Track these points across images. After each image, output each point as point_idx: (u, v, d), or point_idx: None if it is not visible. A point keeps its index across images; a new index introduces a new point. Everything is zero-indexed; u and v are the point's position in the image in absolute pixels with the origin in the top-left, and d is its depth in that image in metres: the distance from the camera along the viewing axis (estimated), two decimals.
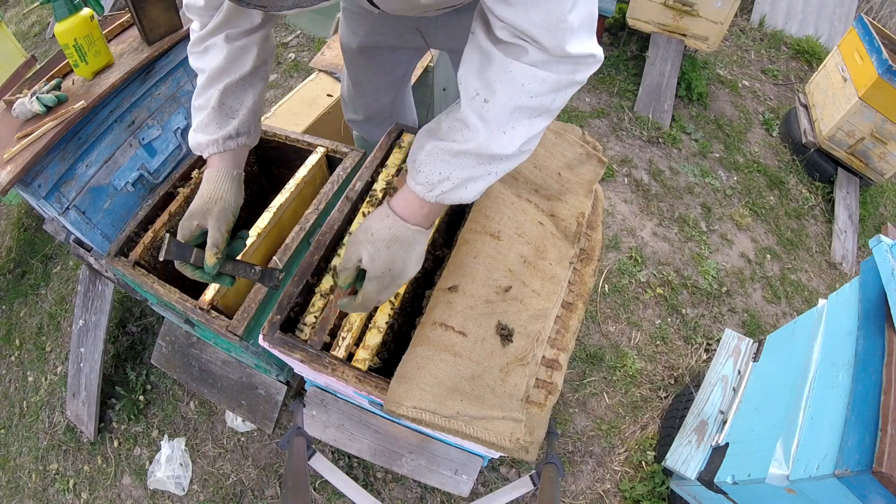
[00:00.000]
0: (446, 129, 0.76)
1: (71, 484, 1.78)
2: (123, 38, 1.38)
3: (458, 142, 0.73)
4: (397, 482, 1.67)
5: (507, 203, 1.08)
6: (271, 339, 0.99)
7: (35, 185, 1.16)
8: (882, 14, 3.75)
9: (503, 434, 0.82)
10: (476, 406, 0.85)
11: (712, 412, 1.54)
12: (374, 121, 1.59)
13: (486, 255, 1.01)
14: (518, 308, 0.97)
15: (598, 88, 2.95)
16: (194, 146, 0.91)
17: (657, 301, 2.13)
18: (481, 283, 0.98)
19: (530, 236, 1.06)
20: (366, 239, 0.79)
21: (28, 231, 2.46)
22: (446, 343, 0.91)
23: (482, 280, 0.98)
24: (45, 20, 3.69)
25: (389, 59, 1.33)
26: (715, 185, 2.58)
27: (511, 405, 0.86)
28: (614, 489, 1.70)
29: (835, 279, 2.37)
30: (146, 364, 1.93)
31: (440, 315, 0.94)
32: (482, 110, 0.71)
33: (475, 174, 0.74)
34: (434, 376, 0.87)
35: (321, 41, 3.15)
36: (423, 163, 0.76)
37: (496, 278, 0.99)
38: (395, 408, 0.85)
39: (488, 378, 0.89)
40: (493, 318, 0.95)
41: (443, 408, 0.84)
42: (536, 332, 0.95)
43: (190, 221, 0.84)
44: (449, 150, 0.74)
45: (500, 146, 0.72)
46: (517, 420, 0.84)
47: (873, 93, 2.28)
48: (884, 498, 0.88)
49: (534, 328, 0.96)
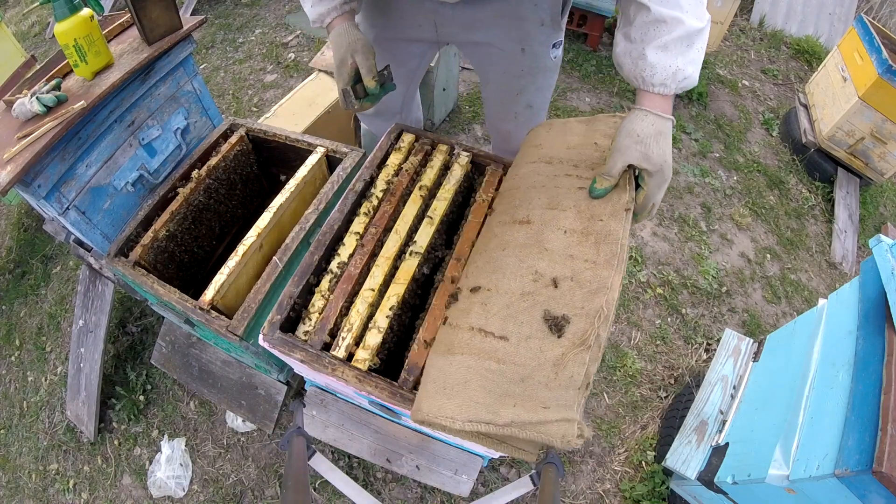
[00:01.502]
0: (643, 34, 0.86)
1: (71, 484, 1.78)
2: (123, 38, 1.38)
3: (664, 35, 0.84)
4: (397, 482, 1.67)
5: (538, 187, 1.03)
6: (271, 339, 0.99)
7: (35, 185, 1.16)
8: (882, 14, 3.75)
9: (555, 436, 0.77)
10: (529, 408, 0.79)
11: (712, 412, 1.54)
12: (384, 115, 1.62)
13: (515, 244, 0.95)
14: (569, 287, 0.87)
15: (598, 88, 2.95)
16: (315, 17, 1.06)
17: (657, 301, 2.13)
18: (513, 276, 0.91)
19: (570, 203, 0.97)
20: (633, 141, 0.87)
21: (28, 231, 2.46)
22: (488, 350, 0.85)
23: (513, 272, 0.91)
24: (45, 20, 3.69)
25: (404, 51, 1.36)
26: (715, 185, 2.58)
27: (567, 398, 0.78)
28: (614, 489, 1.70)
29: (835, 279, 2.36)
30: (146, 364, 1.93)
31: (477, 320, 0.88)
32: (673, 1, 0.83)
33: (696, 57, 0.86)
34: (482, 387, 0.82)
35: (321, 41, 3.15)
36: (652, 65, 0.85)
37: (529, 265, 0.91)
38: (449, 423, 0.80)
39: (539, 376, 0.81)
40: (536, 311, 0.86)
41: (497, 417, 0.79)
42: (597, 309, 0.83)
43: (344, 67, 1.02)
44: (662, 45, 0.84)
45: (696, 20, 0.84)
46: (571, 420, 0.76)
47: (873, 93, 2.28)
48: (884, 498, 0.88)
49: (593, 305, 0.84)
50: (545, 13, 1.17)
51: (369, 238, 1.13)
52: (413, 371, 0.96)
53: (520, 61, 1.28)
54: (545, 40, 1.24)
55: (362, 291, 1.06)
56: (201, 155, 1.54)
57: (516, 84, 1.34)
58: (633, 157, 0.87)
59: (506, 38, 1.23)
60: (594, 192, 0.94)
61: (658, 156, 0.86)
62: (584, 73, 3.00)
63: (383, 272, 1.09)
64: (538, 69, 1.30)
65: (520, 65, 1.29)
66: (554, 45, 1.27)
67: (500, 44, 1.25)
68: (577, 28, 3.04)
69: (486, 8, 1.17)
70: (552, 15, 1.19)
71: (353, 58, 1.01)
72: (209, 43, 3.29)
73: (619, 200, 0.94)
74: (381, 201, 1.20)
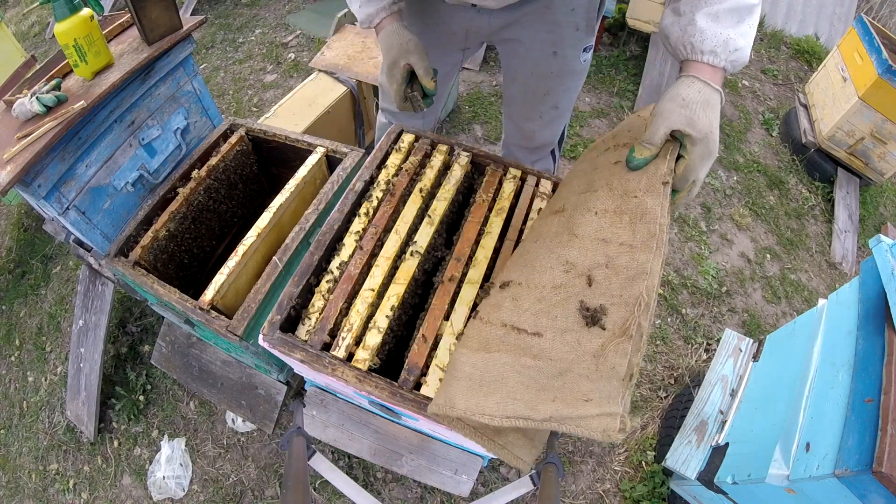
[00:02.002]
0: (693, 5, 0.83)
1: (71, 484, 1.78)
2: (123, 38, 1.38)
3: (716, 4, 0.81)
4: (397, 482, 1.67)
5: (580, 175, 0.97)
6: (271, 339, 0.99)
7: (35, 185, 1.16)
8: (882, 14, 3.75)
9: (595, 430, 0.72)
10: (570, 402, 0.74)
11: (712, 412, 1.54)
12: (416, 115, 1.61)
13: (547, 234, 0.90)
14: (605, 276, 0.81)
15: (598, 88, 2.95)
16: (364, 18, 1.07)
17: (657, 301, 2.12)
18: (543, 269, 0.85)
19: (602, 181, 0.89)
20: (678, 105, 0.80)
21: (28, 231, 2.46)
22: (523, 347, 0.81)
23: (543, 264, 0.86)
24: (45, 20, 3.69)
25: (438, 58, 1.36)
26: (715, 185, 2.58)
27: (610, 390, 0.73)
28: (614, 489, 1.70)
29: (835, 279, 2.36)
30: (146, 364, 1.93)
31: (509, 316, 0.84)
32: None
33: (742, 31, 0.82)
34: (520, 383, 0.78)
35: (321, 41, 3.15)
36: (702, 31, 0.81)
37: (559, 255, 0.85)
38: (487, 420, 0.77)
39: (579, 369, 0.76)
40: (571, 303, 0.81)
41: (536, 413, 0.75)
42: (636, 296, 0.77)
43: (395, 69, 1.02)
44: (713, 14, 0.80)
45: None
46: (613, 414, 0.71)
47: (873, 93, 2.28)
48: (884, 498, 0.88)
49: (632, 292, 0.78)
50: (580, 18, 1.17)
51: (369, 238, 1.13)
52: (413, 371, 0.96)
53: (550, 63, 1.27)
54: (577, 44, 1.24)
55: (362, 291, 1.06)
56: (201, 155, 1.54)
57: (545, 85, 1.34)
58: (678, 122, 0.79)
59: (538, 40, 1.24)
60: (632, 163, 0.85)
61: (704, 123, 0.79)
62: None
63: (383, 272, 1.09)
64: (567, 72, 1.30)
65: (550, 67, 1.28)
66: (585, 49, 1.27)
67: (531, 45, 1.25)
68: None
69: (522, 10, 1.17)
70: (587, 20, 1.19)
71: (408, 59, 1.01)
72: (209, 43, 3.29)
73: (655, 172, 0.84)
74: (381, 201, 1.20)
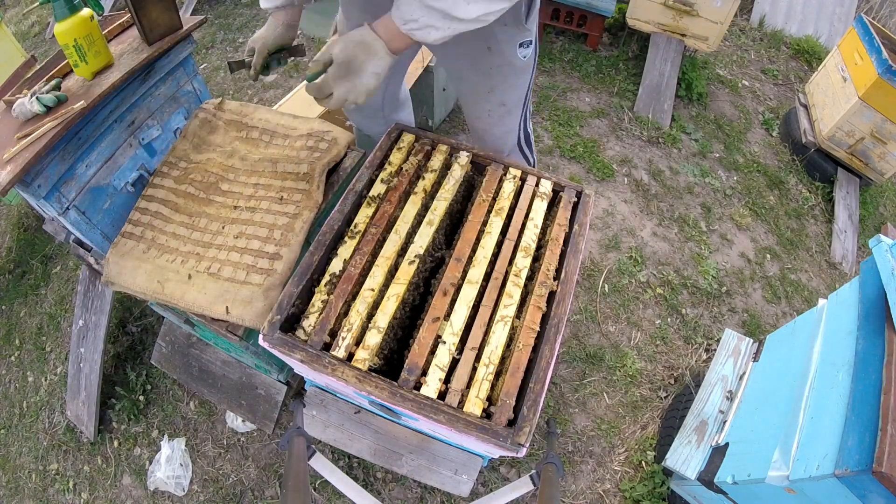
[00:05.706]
0: None
1: (71, 484, 1.78)
2: (123, 38, 1.38)
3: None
4: (397, 482, 1.67)
5: None
6: (271, 339, 0.99)
7: (35, 185, 1.16)
8: (882, 14, 3.75)
9: None
10: None
11: (712, 412, 1.54)
12: (364, 111, 1.64)
13: None
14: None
15: (598, 88, 2.95)
16: (264, 4, 1.23)
17: (657, 301, 2.13)
18: None
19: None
20: (340, 39, 1.00)
21: (28, 231, 2.46)
22: None
23: None
24: (45, 20, 3.69)
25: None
26: (715, 185, 2.58)
27: None
28: (614, 489, 1.70)
29: (835, 279, 2.37)
30: (146, 364, 1.93)
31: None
32: None
33: (437, 25, 0.93)
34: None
35: (321, 41, 3.15)
36: (404, 3, 0.93)
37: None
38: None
39: None
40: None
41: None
42: None
43: (249, 48, 1.25)
44: (424, 3, 0.90)
45: (461, 12, 0.90)
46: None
47: (873, 93, 2.28)
48: (884, 498, 0.88)
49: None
50: (507, 15, 1.18)
51: (369, 238, 1.13)
52: (413, 371, 0.96)
53: (487, 59, 1.29)
54: (510, 39, 1.25)
55: (362, 291, 1.06)
56: None
57: (487, 82, 1.36)
58: (332, 48, 0.99)
59: (470, 36, 1.24)
60: (308, 79, 1.05)
61: (346, 55, 0.97)
62: (584, 74, 3.00)
63: (383, 272, 1.09)
64: (508, 68, 1.31)
65: (488, 63, 1.30)
66: (521, 45, 1.28)
67: (465, 42, 1.25)
68: (577, 28, 3.04)
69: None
70: (514, 17, 1.21)
71: (255, 45, 1.23)
72: (209, 43, 3.29)
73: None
74: (381, 201, 1.20)
